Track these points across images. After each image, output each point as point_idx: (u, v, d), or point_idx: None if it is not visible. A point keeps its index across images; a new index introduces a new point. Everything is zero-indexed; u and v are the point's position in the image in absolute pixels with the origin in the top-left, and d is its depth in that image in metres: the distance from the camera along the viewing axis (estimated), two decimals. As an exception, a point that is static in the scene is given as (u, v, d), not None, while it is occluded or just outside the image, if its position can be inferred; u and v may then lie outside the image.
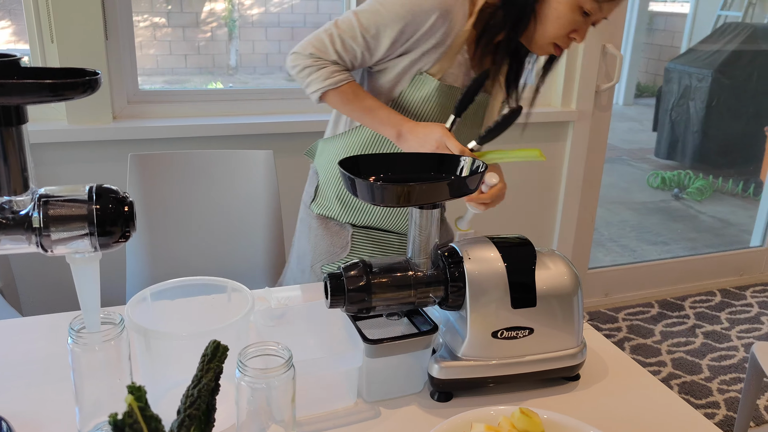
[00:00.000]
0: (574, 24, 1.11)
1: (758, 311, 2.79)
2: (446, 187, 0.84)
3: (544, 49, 1.16)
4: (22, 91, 0.63)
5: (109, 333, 0.75)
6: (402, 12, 1.10)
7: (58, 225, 0.68)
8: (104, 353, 0.75)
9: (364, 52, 1.15)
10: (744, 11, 6.17)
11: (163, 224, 1.59)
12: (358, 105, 1.16)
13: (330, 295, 0.86)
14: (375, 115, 1.16)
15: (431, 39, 1.13)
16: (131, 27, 1.87)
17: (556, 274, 0.93)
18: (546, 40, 1.13)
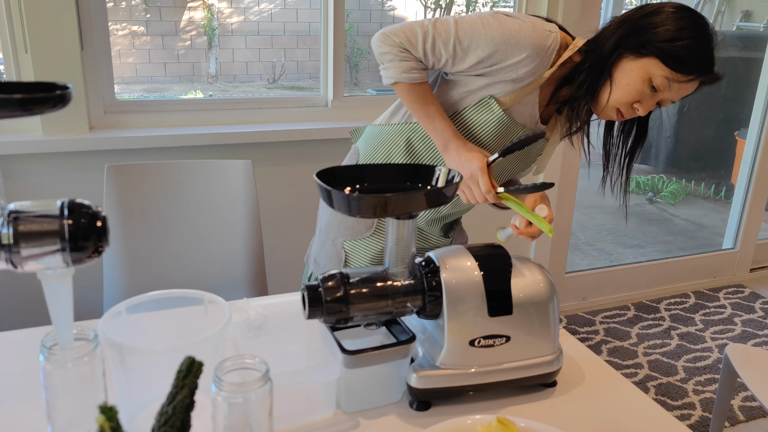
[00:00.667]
0: (641, 95, 1.12)
1: (731, 312, 2.84)
2: (422, 197, 0.84)
3: (606, 113, 1.17)
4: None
5: (82, 349, 0.74)
6: (499, 39, 1.13)
7: (29, 241, 0.67)
8: (77, 370, 0.74)
9: (449, 59, 1.17)
10: (713, 19, 6.29)
11: (140, 236, 1.57)
12: (422, 106, 1.20)
13: (308, 306, 0.86)
14: (433, 122, 1.19)
15: (513, 73, 1.15)
16: (107, 36, 1.86)
17: (532, 282, 0.94)
18: (612, 104, 1.14)
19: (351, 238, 1.36)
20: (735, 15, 6.02)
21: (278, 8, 5.46)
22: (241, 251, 1.65)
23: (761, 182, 3.11)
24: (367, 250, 1.36)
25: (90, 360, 0.75)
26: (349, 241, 1.36)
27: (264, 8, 5.48)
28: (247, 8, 5.50)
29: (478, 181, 1.13)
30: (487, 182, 1.12)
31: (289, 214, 2.17)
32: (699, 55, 1.08)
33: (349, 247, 1.37)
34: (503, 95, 1.18)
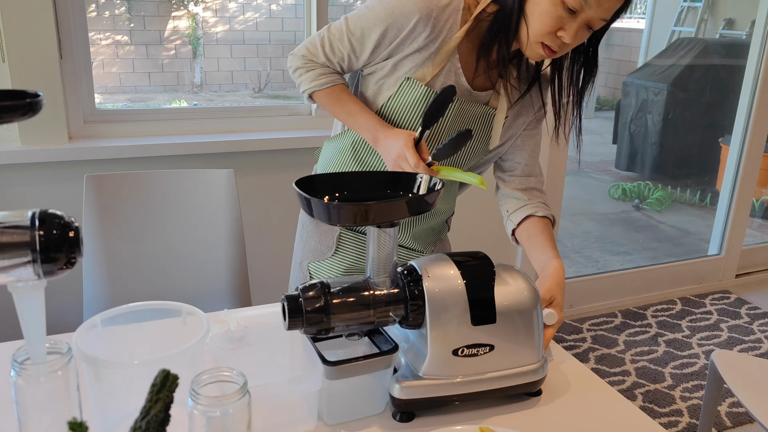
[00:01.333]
0: (559, 20, 1.04)
1: (717, 318, 2.85)
2: (403, 205, 0.83)
3: (534, 51, 1.09)
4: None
5: (55, 363, 0.72)
6: (383, 15, 1.10)
7: (1, 253, 0.66)
8: (50, 385, 0.72)
9: (350, 54, 1.16)
10: (696, 27, 6.36)
11: (121, 246, 1.55)
12: (342, 107, 1.19)
13: (287, 316, 0.85)
14: (356, 119, 1.18)
15: (413, 43, 1.12)
16: (87, 45, 1.84)
17: (516, 290, 0.93)
18: (534, 39, 1.07)
19: (314, 259, 1.33)
20: (718, 23, 6.10)
21: (263, 17, 5.45)
22: (223, 262, 1.63)
23: (745, 188, 3.13)
24: (330, 270, 1.32)
25: (63, 374, 0.73)
26: (314, 263, 1.33)
27: (249, 17, 5.47)
28: (232, 17, 5.49)
29: (407, 159, 1.07)
30: (414, 156, 1.05)
31: (273, 224, 2.15)
32: None
33: (314, 268, 1.34)
34: (417, 70, 1.14)
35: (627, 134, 5.30)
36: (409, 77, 1.15)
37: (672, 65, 5.10)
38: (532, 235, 1.19)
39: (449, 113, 1.17)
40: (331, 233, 1.31)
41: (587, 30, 1.06)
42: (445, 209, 1.36)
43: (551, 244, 1.17)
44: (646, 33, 7.26)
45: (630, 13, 9.80)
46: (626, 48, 7.93)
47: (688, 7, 6.44)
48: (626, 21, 9.18)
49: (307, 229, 1.36)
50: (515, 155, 1.29)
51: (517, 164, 1.29)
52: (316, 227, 1.34)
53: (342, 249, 1.30)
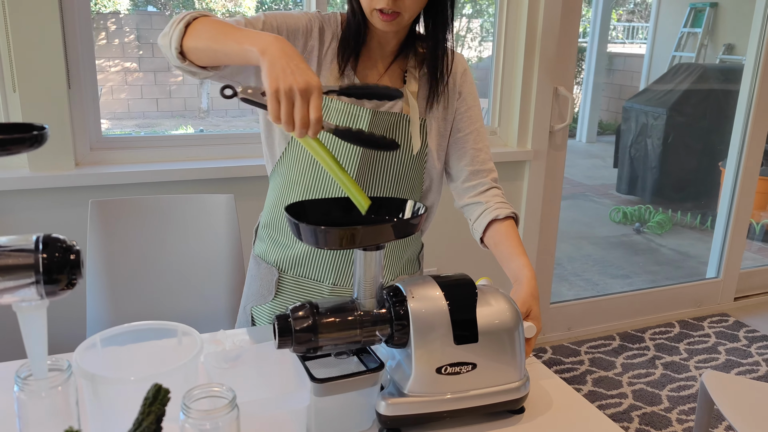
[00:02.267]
0: None
1: (715, 341, 2.87)
2: (388, 229, 0.88)
3: (377, 22, 1.12)
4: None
5: (56, 379, 0.76)
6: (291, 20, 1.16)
7: (5, 274, 0.70)
8: (51, 400, 0.77)
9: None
10: (697, 52, 6.45)
11: (124, 269, 1.60)
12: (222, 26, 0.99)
13: (278, 335, 0.89)
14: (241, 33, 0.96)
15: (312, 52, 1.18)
16: (94, 75, 1.91)
17: (498, 311, 0.97)
18: (368, 12, 1.12)
19: (257, 303, 1.33)
20: (718, 48, 6.18)
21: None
22: (223, 283, 1.67)
23: (741, 212, 3.17)
24: (271, 314, 1.31)
25: (64, 390, 0.77)
26: (256, 307, 1.34)
27: (256, 45, 5.59)
28: (238, 45, 5.61)
29: (309, 99, 0.87)
30: (320, 106, 0.88)
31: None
32: None
33: (256, 312, 1.34)
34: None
35: (627, 158, 5.35)
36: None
37: (671, 90, 5.16)
38: (499, 243, 1.20)
39: (366, 125, 1.17)
40: (270, 278, 1.30)
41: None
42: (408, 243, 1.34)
43: (519, 249, 1.18)
44: (647, 58, 7.35)
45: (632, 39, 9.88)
46: (628, 73, 8.03)
47: (688, 33, 6.53)
48: (628, 46, 9.31)
49: (251, 274, 1.37)
50: (458, 162, 1.29)
51: (463, 170, 1.29)
52: (257, 271, 1.34)
53: (281, 293, 1.30)
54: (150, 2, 5.46)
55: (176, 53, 1.01)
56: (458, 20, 5.85)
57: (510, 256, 1.17)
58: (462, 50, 5.87)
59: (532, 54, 2.42)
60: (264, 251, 1.33)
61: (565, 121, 2.53)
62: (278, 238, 1.30)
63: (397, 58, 1.23)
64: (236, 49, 0.95)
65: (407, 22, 1.14)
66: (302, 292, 1.29)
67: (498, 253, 1.20)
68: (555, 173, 2.62)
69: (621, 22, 9.59)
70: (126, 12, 5.04)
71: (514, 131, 2.49)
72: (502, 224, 1.21)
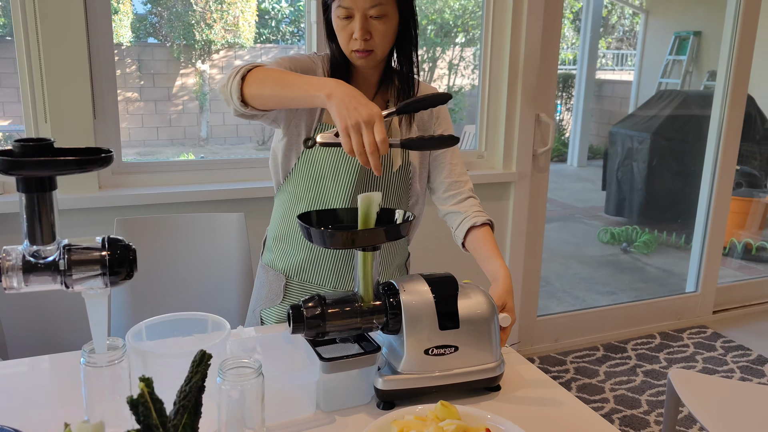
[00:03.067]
0: (346, 28, 1.30)
1: (693, 351, 3.04)
2: (381, 232, 1.07)
3: (355, 61, 1.35)
4: (57, 166, 0.85)
5: (114, 354, 0.94)
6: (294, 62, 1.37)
7: (79, 267, 0.89)
8: (110, 370, 0.94)
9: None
10: (682, 79, 6.71)
11: (144, 282, 1.77)
12: (281, 75, 1.16)
13: (292, 322, 1.07)
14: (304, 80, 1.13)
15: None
16: (116, 106, 2.11)
17: (476, 303, 1.15)
18: (347, 52, 1.34)
19: (265, 306, 1.50)
20: (702, 75, 6.43)
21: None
22: (234, 293, 1.85)
23: (716, 229, 3.37)
24: (279, 315, 1.48)
25: (119, 363, 0.95)
26: (265, 310, 1.51)
27: (254, 74, 5.81)
28: (238, 74, 5.83)
29: (373, 127, 1.02)
30: (384, 130, 1.02)
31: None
32: None
33: (265, 314, 1.51)
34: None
35: (615, 181, 5.55)
36: (321, 123, 1.38)
37: (655, 115, 5.38)
38: (477, 247, 1.39)
39: None
40: (278, 283, 1.49)
41: (375, 20, 1.30)
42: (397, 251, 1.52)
43: (495, 252, 1.37)
44: (635, 85, 7.61)
45: (621, 66, 10.15)
46: (616, 99, 8.29)
47: (673, 61, 6.80)
48: (617, 73, 9.60)
49: (259, 281, 1.55)
50: (438, 176, 1.49)
51: (442, 182, 1.48)
52: (266, 277, 1.53)
53: (288, 296, 1.48)
54: (151, 34, 5.70)
55: (239, 101, 1.19)
56: (451, 49, 6.10)
57: (487, 258, 1.36)
58: (455, 78, 6.11)
59: (515, 83, 2.63)
60: (272, 260, 1.52)
61: (547, 145, 2.74)
62: (286, 248, 1.48)
63: (379, 89, 1.45)
64: (303, 94, 1.11)
65: (380, 57, 1.36)
66: (307, 295, 1.47)
67: (477, 256, 1.39)
68: (539, 193, 2.82)
69: (610, 50, 9.91)
70: (128, 44, 5.26)
71: (500, 155, 2.69)
72: (479, 230, 1.41)
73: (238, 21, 5.40)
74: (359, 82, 1.43)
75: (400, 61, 1.41)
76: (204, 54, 5.60)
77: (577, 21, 8.93)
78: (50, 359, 1.27)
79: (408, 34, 1.38)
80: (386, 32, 1.32)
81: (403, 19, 1.35)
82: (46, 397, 1.13)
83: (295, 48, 5.91)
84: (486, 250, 1.37)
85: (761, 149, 5.17)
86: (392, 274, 1.53)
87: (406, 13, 1.35)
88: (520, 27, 2.58)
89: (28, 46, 1.92)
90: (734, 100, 3.19)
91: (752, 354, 3.03)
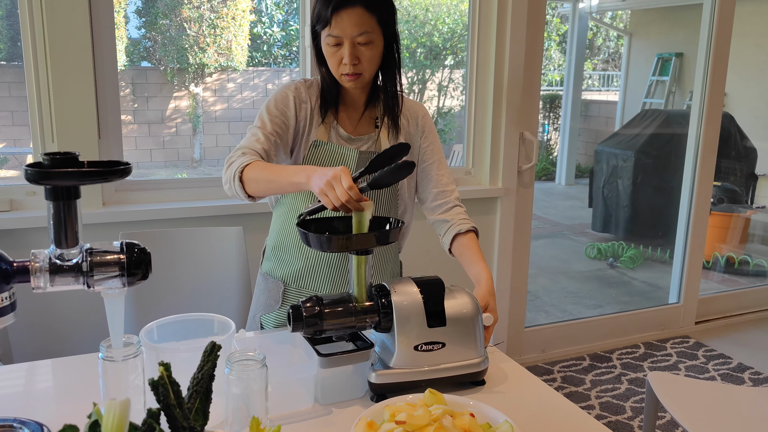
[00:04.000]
0: (336, 55, 1.43)
1: (676, 359, 3.14)
2: (371, 237, 1.17)
3: (345, 83, 1.46)
4: (82, 176, 0.95)
5: (129, 349, 1.03)
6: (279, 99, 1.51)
7: (100, 269, 0.98)
8: (125, 364, 1.03)
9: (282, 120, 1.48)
10: (665, 99, 6.89)
11: (146, 292, 1.86)
12: (272, 172, 1.34)
13: (292, 321, 1.16)
14: (286, 170, 1.32)
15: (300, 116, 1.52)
16: (120, 127, 2.21)
17: (461, 303, 1.25)
18: (337, 76, 1.47)
19: (265, 312, 1.59)
20: (685, 94, 6.62)
21: (260, 96, 5.92)
22: (234, 304, 1.94)
23: (696, 243, 3.49)
24: (278, 320, 1.57)
25: (134, 357, 1.04)
26: (265, 315, 1.60)
27: (246, 96, 5.94)
28: (230, 96, 5.96)
29: (341, 179, 1.16)
30: (350, 179, 1.16)
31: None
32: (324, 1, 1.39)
33: (265, 320, 1.59)
34: (315, 135, 1.50)
35: (601, 198, 5.68)
36: (315, 140, 1.51)
37: (638, 134, 5.53)
38: (462, 252, 1.50)
39: (341, 162, 1.49)
40: (277, 290, 1.58)
41: (362, 47, 1.42)
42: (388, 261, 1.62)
43: (478, 256, 1.48)
44: (620, 104, 7.80)
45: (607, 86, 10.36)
46: (603, 118, 8.48)
47: (656, 81, 6.99)
48: (604, 93, 9.82)
49: (259, 288, 1.65)
50: (426, 186, 1.60)
51: (430, 192, 1.59)
52: (265, 285, 1.62)
53: (287, 302, 1.57)
54: (145, 58, 5.82)
55: (246, 198, 1.39)
56: (440, 71, 6.26)
57: (471, 262, 1.46)
58: (445, 99, 6.26)
59: (499, 103, 2.76)
60: (271, 269, 1.61)
61: (531, 162, 2.86)
62: (284, 256, 1.58)
63: (367, 108, 1.57)
64: (289, 183, 1.31)
65: (368, 79, 1.49)
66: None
67: (462, 260, 1.50)
68: (524, 208, 2.93)
69: (596, 71, 10.14)
70: (122, 68, 5.37)
71: (486, 171, 2.81)
72: (464, 237, 1.51)
73: (231, 45, 5.52)
74: (348, 102, 1.55)
75: (385, 81, 1.54)
76: (197, 77, 5.72)
77: (563, 43, 9.16)
78: (53, 363, 1.35)
79: (392, 56, 1.51)
80: (373, 57, 1.45)
81: (387, 44, 1.48)
82: (56, 396, 1.21)
83: (287, 71, 6.05)
84: (470, 255, 1.48)
85: (741, 166, 5.33)
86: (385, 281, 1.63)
87: (390, 38, 1.48)
88: (504, 49, 2.71)
89: (37, 70, 2.03)
90: (710, 118, 3.33)
91: (733, 362, 3.13)
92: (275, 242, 1.60)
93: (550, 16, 8.95)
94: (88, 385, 1.24)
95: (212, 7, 5.35)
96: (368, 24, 1.41)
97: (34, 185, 1.17)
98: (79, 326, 2.18)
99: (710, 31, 3.25)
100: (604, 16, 8.35)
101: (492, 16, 2.71)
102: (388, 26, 1.46)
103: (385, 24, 1.45)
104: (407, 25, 5.37)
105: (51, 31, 1.99)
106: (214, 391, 0.95)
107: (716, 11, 3.22)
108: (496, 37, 2.70)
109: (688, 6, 6.51)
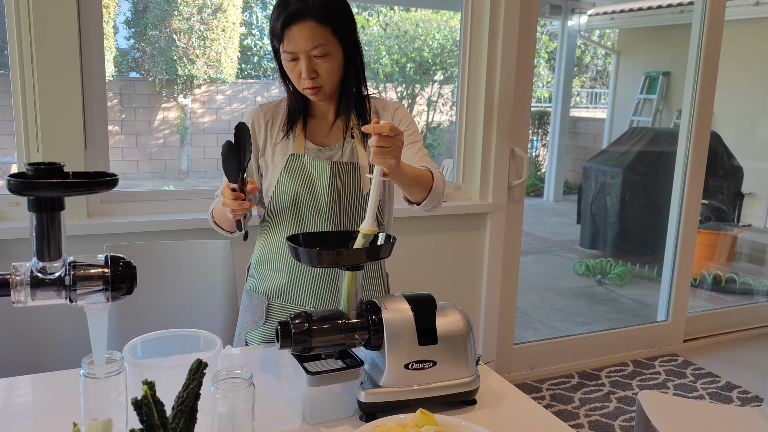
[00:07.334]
0: (295, 70, 1.42)
1: (665, 378, 3.13)
2: (362, 252, 1.14)
3: (307, 95, 1.46)
4: (67, 187, 0.92)
5: (112, 366, 1.00)
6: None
7: (83, 283, 0.95)
8: (107, 381, 1.00)
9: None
10: (653, 116, 6.95)
11: (131, 307, 1.82)
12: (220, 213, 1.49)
13: (280, 338, 1.14)
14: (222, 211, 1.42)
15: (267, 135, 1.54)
16: (106, 138, 2.18)
17: (453, 321, 1.23)
18: (301, 90, 1.45)
19: (249, 329, 1.58)
20: (672, 113, 6.69)
21: (249, 108, 5.90)
22: (220, 318, 1.90)
23: (684, 261, 3.49)
24: (262, 336, 1.55)
25: (117, 374, 1.00)
26: (249, 332, 1.58)
27: (235, 108, 5.92)
28: (219, 108, 5.94)
29: (222, 193, 1.34)
30: (224, 187, 1.34)
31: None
32: (277, 15, 1.38)
33: (250, 337, 1.58)
34: (291, 148, 1.50)
35: (589, 215, 5.69)
36: (292, 153, 1.49)
37: (626, 151, 5.57)
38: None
39: (317, 174, 1.47)
40: (261, 306, 1.56)
41: (318, 59, 1.41)
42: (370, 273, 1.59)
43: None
44: (608, 122, 7.86)
45: (595, 104, 10.45)
46: (591, 135, 8.54)
47: (644, 99, 7.06)
48: (591, 110, 9.90)
49: (244, 305, 1.63)
50: None
51: None
52: (249, 301, 1.60)
53: (271, 318, 1.55)
54: (133, 69, 5.79)
55: (227, 234, 1.56)
56: (430, 86, 6.28)
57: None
58: (434, 114, 6.28)
59: (490, 119, 2.76)
60: (254, 285, 1.59)
61: (521, 178, 2.85)
62: (266, 272, 1.56)
63: (338, 118, 1.55)
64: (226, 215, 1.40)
65: (330, 91, 1.48)
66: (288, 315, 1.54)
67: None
68: (514, 223, 2.92)
69: (584, 89, 10.23)
70: (110, 78, 5.34)
71: (476, 187, 2.80)
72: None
73: (221, 57, 5.51)
74: (317, 114, 1.55)
75: (351, 88, 1.51)
76: (186, 89, 5.69)
77: (552, 61, 9.24)
78: (32, 379, 1.31)
79: (354, 65, 1.49)
80: (331, 69, 1.43)
81: (347, 53, 1.46)
82: (35, 413, 1.17)
83: (276, 84, 6.04)
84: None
85: (728, 184, 5.37)
86: (373, 292, 1.60)
87: (349, 48, 1.46)
88: (495, 66, 2.71)
89: (23, 79, 1.99)
90: (698, 137, 3.35)
91: (721, 381, 3.13)
92: (258, 257, 1.58)
93: (540, 34, 9.04)
94: (69, 403, 1.21)
95: (202, 19, 5.33)
96: (322, 36, 1.39)
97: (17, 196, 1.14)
98: (60, 340, 2.14)
99: (699, 51, 3.28)
100: (592, 34, 8.43)
101: (483, 33, 2.71)
102: (346, 36, 1.43)
103: (342, 34, 1.42)
104: (397, 39, 5.40)
105: (38, 39, 1.96)
106: (200, 411, 0.92)
107: (705, 31, 3.26)
108: (488, 53, 2.70)
109: (675, 26, 6.60)
